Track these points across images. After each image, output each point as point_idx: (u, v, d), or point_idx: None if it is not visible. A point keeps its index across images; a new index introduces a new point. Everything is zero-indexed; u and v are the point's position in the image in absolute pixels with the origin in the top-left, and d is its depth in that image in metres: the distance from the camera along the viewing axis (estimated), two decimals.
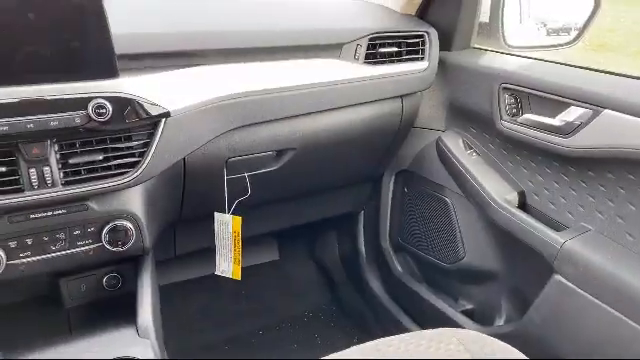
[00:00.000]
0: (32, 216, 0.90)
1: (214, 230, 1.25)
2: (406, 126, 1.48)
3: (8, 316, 1.05)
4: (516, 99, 1.25)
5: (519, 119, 1.24)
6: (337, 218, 1.80)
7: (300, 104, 1.20)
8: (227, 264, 1.27)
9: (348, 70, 1.25)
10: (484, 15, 1.48)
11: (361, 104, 1.32)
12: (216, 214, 1.23)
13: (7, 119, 0.80)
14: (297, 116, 1.21)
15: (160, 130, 0.94)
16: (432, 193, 1.53)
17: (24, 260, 0.91)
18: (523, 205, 1.30)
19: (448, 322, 1.46)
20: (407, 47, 1.36)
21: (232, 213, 1.23)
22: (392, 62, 1.34)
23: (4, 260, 0.89)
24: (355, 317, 1.88)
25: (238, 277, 1.27)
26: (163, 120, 0.94)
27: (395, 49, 1.34)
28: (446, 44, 1.43)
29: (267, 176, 1.28)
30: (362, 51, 1.28)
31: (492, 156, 1.37)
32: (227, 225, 1.23)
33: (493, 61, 1.36)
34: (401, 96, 1.41)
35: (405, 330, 1.60)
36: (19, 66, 0.82)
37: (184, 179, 1.14)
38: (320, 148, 1.31)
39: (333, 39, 1.25)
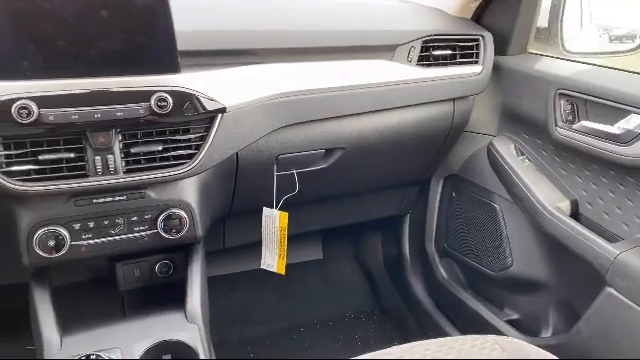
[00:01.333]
0: (95, 200, 0.96)
1: (261, 225, 1.28)
2: (457, 130, 1.47)
3: (69, 295, 1.11)
4: (573, 105, 1.21)
5: (575, 126, 1.21)
6: (382, 220, 1.80)
7: (352, 104, 1.21)
8: (272, 258, 1.30)
9: (401, 71, 1.26)
10: (542, 20, 1.45)
11: (412, 106, 1.32)
12: (264, 209, 1.26)
13: (77, 108, 0.86)
14: (348, 116, 1.23)
15: (216, 124, 0.98)
16: (481, 199, 1.51)
17: (86, 242, 0.97)
18: (575, 214, 1.26)
19: (492, 331, 1.43)
20: (461, 50, 1.36)
21: (279, 209, 1.26)
22: (445, 65, 1.34)
23: (68, 240, 0.95)
24: (396, 320, 1.87)
25: (282, 272, 1.30)
26: (219, 115, 0.98)
27: (449, 52, 1.34)
28: (501, 48, 1.41)
29: (315, 174, 1.30)
30: (415, 53, 1.28)
31: (545, 163, 1.34)
32: (274, 220, 1.26)
33: (550, 66, 1.33)
34: (453, 99, 1.40)
35: (447, 336, 1.59)
36: (90, 60, 0.87)
37: (236, 173, 1.17)
38: (369, 148, 1.32)
39: (387, 40, 1.26)
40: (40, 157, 0.87)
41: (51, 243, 0.94)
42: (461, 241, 1.60)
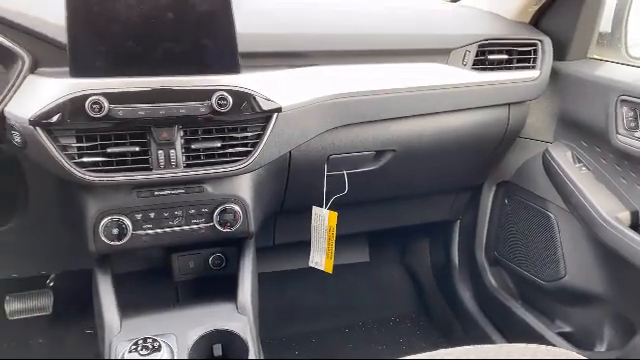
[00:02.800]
0: (156, 193, 1.01)
1: (311, 224, 1.31)
2: (511, 135, 1.44)
3: (128, 283, 1.17)
4: (635, 112, 1.17)
5: (637, 133, 1.16)
6: (431, 225, 1.79)
7: (405, 106, 1.22)
8: (321, 257, 1.33)
9: (455, 75, 1.26)
10: (605, 25, 1.41)
11: (466, 110, 1.31)
12: (314, 208, 1.29)
13: (144, 105, 0.91)
14: (400, 118, 1.24)
15: (272, 124, 1.01)
16: (535, 207, 1.47)
17: (147, 232, 1.03)
18: (636, 225, 1.21)
19: (542, 342, 1.39)
20: (518, 55, 1.34)
21: (329, 209, 1.28)
22: (501, 69, 1.32)
23: (130, 229, 1.00)
24: (442, 327, 1.85)
25: (330, 270, 1.32)
26: (275, 114, 1.01)
27: (505, 57, 1.32)
28: (560, 53, 1.38)
29: (365, 175, 1.31)
30: (470, 57, 1.28)
31: (603, 171, 1.30)
32: (323, 219, 1.28)
33: (612, 72, 1.29)
34: (508, 104, 1.38)
35: None
36: (156, 59, 0.93)
37: (288, 171, 1.21)
38: (420, 151, 1.32)
39: (441, 44, 1.26)
40: (108, 150, 0.93)
41: (115, 231, 1.00)
42: (512, 249, 1.57)
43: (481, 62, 1.30)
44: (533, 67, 1.35)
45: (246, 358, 1.02)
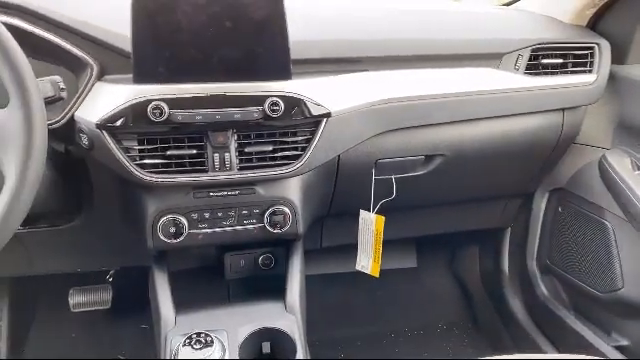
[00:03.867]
0: (212, 194, 1.06)
1: (358, 227, 1.32)
2: (566, 141, 1.41)
3: (182, 280, 1.22)
4: None
5: None
6: (481, 232, 1.76)
7: (455, 111, 1.22)
8: (367, 261, 1.33)
9: (506, 80, 1.24)
10: None
11: (518, 115, 1.29)
12: (361, 212, 1.30)
13: (201, 110, 0.95)
14: (451, 123, 1.23)
15: (321, 128, 1.04)
16: (590, 215, 1.43)
17: (202, 231, 1.07)
18: None
19: (597, 355, 1.35)
20: (573, 59, 1.31)
21: (376, 213, 1.29)
22: (555, 74, 1.29)
23: (187, 228, 1.05)
24: (491, 336, 1.82)
25: (376, 274, 1.33)
26: (325, 119, 1.04)
27: (560, 60, 1.29)
28: (619, 57, 1.34)
29: (413, 180, 1.31)
30: (523, 61, 1.26)
31: None
32: (370, 223, 1.29)
33: None
34: (562, 109, 1.35)
35: None
36: (213, 66, 0.97)
37: (336, 175, 1.22)
38: (471, 157, 1.31)
39: (493, 48, 1.25)
40: (168, 152, 0.98)
41: (172, 230, 1.04)
42: (566, 258, 1.53)
43: (534, 66, 1.28)
44: (590, 71, 1.32)
45: (294, 357, 1.05)
